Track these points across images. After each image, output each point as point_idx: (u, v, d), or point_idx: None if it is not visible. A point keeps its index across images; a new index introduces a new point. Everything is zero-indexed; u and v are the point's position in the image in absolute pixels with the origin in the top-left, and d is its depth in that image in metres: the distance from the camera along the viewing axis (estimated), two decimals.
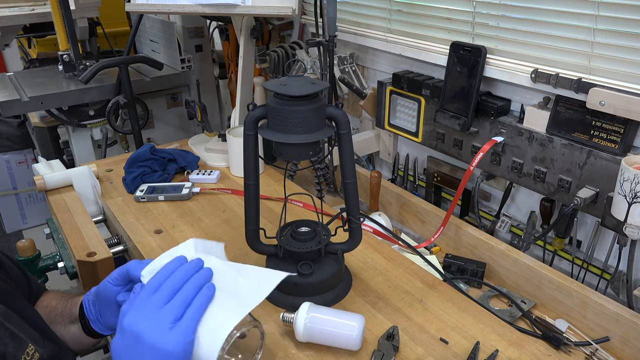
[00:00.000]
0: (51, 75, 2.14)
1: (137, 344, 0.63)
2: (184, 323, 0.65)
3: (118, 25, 2.74)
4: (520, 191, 1.32)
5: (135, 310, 0.66)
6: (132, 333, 0.64)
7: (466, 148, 1.32)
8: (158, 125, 2.24)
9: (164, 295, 0.66)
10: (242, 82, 1.60)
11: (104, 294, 0.79)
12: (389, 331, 0.89)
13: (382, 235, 1.22)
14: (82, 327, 0.84)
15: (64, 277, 1.20)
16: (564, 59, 1.10)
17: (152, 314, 0.65)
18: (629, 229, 0.94)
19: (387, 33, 1.51)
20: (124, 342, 0.65)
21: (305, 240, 0.97)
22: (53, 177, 1.40)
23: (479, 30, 1.26)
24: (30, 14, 2.33)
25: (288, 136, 0.86)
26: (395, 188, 1.45)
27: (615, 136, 1.02)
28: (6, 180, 3.01)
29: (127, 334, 0.64)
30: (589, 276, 1.18)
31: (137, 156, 1.44)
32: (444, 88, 1.29)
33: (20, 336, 0.69)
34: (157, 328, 0.64)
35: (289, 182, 1.50)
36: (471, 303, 0.98)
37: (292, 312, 0.87)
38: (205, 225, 1.26)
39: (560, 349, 0.96)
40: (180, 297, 0.66)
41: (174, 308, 0.65)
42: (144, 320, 0.65)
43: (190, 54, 2.17)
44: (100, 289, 0.80)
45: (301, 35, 1.92)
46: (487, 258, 1.19)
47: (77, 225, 1.24)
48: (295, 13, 1.28)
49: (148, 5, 1.44)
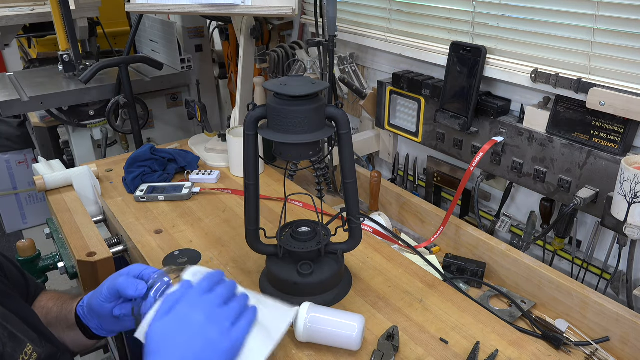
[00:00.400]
0: (51, 75, 2.14)
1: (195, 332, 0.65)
2: (241, 327, 0.69)
3: (118, 25, 2.74)
4: (520, 191, 1.32)
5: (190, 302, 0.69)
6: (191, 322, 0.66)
7: (466, 148, 1.32)
8: (158, 125, 2.24)
9: (219, 297, 0.70)
10: (242, 82, 1.60)
11: (99, 311, 0.80)
12: (389, 331, 0.89)
13: (382, 235, 1.22)
14: (83, 332, 0.85)
15: (64, 277, 1.20)
16: (564, 59, 1.10)
17: (212, 310, 0.68)
18: (629, 229, 0.94)
19: (387, 33, 1.51)
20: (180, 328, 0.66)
21: (305, 240, 0.97)
22: (53, 177, 1.40)
23: (479, 30, 1.26)
24: (30, 14, 2.33)
25: (288, 136, 0.86)
26: (395, 188, 1.45)
27: (615, 136, 1.02)
28: (6, 180, 3.01)
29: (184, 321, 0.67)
30: (589, 276, 1.18)
31: (137, 156, 1.44)
32: (444, 88, 1.29)
33: (18, 336, 0.69)
34: (218, 324, 0.67)
35: (289, 182, 1.50)
36: (471, 303, 0.98)
37: None
38: (205, 225, 1.26)
39: (560, 349, 0.96)
40: (237, 304, 0.71)
41: (233, 311, 0.70)
42: (203, 313, 0.67)
43: (190, 54, 2.17)
44: (93, 305, 0.80)
45: (301, 35, 1.92)
46: (487, 258, 1.19)
47: (77, 225, 1.24)
48: (295, 13, 1.28)
49: (148, 5, 1.44)
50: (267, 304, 0.79)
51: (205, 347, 0.65)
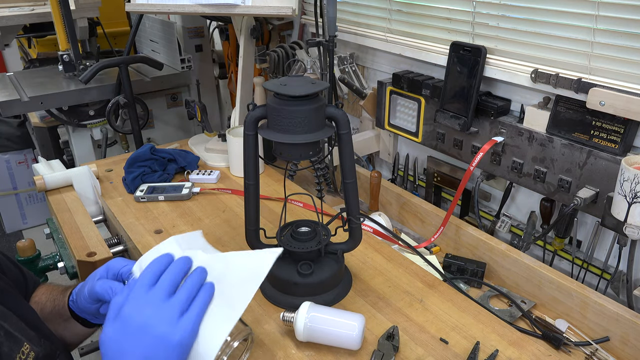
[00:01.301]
0: (51, 75, 2.14)
1: (141, 333, 0.63)
2: (190, 316, 0.65)
3: (118, 25, 2.74)
4: (520, 191, 1.32)
5: (134, 302, 0.66)
6: (136, 323, 0.64)
7: (466, 148, 1.32)
8: (158, 125, 2.24)
9: (165, 288, 0.67)
10: (242, 82, 1.60)
11: (88, 309, 0.79)
12: (389, 331, 0.89)
13: (382, 235, 1.22)
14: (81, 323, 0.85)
15: (64, 277, 1.20)
16: (564, 59, 1.10)
17: (157, 306, 0.65)
18: (629, 229, 0.94)
19: (387, 33, 1.51)
20: (125, 332, 0.64)
21: (305, 240, 0.97)
22: (53, 177, 1.40)
23: (479, 30, 1.26)
24: (30, 14, 2.33)
25: (288, 136, 0.86)
26: (395, 188, 1.45)
27: (615, 136, 1.02)
28: (6, 180, 3.01)
29: (128, 324, 0.64)
30: (589, 276, 1.18)
31: (137, 156, 1.44)
32: (444, 88, 1.29)
33: (15, 335, 0.69)
34: (165, 319, 0.64)
35: (289, 182, 1.50)
36: (471, 303, 0.98)
37: (292, 312, 0.87)
38: (205, 225, 1.26)
39: (560, 349, 0.96)
40: (185, 291, 0.67)
41: (181, 302, 0.66)
42: (147, 311, 0.65)
43: (190, 54, 2.17)
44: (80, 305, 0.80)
45: (301, 35, 1.92)
46: (487, 258, 1.19)
47: (77, 225, 1.24)
48: (295, 13, 1.28)
49: (148, 5, 1.44)
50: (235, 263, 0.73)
51: (154, 346, 0.63)
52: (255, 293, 0.69)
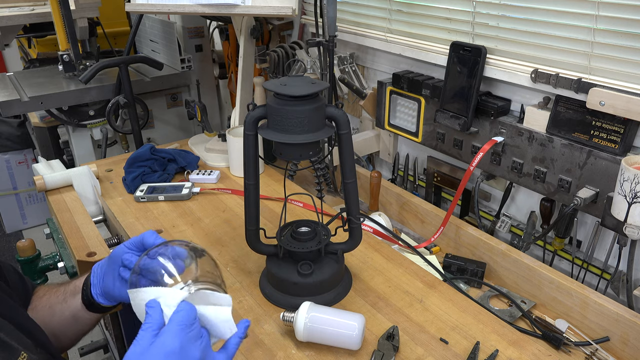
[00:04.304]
0: (51, 75, 2.14)
1: None
2: None
3: (118, 25, 2.73)
4: (520, 191, 1.32)
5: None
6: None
7: (466, 148, 1.32)
8: (158, 125, 2.24)
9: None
10: (242, 82, 1.60)
11: (115, 253, 0.82)
12: (389, 331, 0.89)
13: (382, 235, 1.22)
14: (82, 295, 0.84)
15: (64, 277, 1.20)
16: (564, 59, 1.10)
17: None
18: (629, 229, 0.94)
19: (387, 33, 1.51)
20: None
21: (305, 240, 0.97)
22: (53, 177, 1.40)
23: (479, 30, 1.26)
24: (30, 14, 2.32)
25: (288, 136, 0.86)
26: (395, 188, 1.45)
27: (615, 136, 1.02)
28: (6, 180, 3.01)
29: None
30: (589, 276, 1.18)
31: (137, 156, 1.44)
32: (444, 88, 1.29)
33: (12, 345, 0.68)
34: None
35: (289, 182, 1.50)
36: (471, 303, 0.98)
37: (292, 312, 0.87)
38: (205, 225, 1.26)
39: (560, 349, 0.97)
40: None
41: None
42: None
43: (190, 54, 2.17)
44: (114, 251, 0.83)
45: (301, 35, 1.92)
46: (487, 258, 1.19)
47: (77, 225, 1.24)
48: (295, 13, 1.28)
49: (148, 5, 1.44)
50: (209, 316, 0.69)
51: None
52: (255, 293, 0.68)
